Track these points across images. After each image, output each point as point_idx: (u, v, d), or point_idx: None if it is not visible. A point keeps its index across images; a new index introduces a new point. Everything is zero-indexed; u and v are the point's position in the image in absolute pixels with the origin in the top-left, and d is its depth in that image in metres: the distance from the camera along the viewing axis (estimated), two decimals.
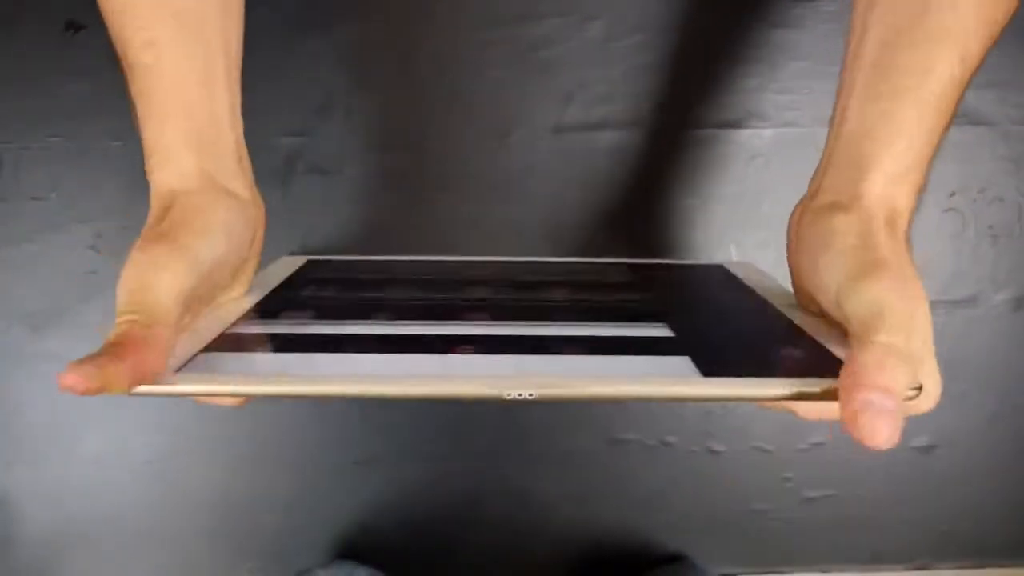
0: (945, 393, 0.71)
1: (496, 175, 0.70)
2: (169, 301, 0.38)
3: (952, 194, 0.70)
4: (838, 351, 0.40)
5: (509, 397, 0.33)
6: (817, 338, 0.41)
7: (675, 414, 0.73)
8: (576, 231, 0.70)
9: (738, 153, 0.69)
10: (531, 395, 0.33)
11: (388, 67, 0.69)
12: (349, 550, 0.74)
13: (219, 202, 0.43)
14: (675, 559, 0.74)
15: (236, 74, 0.49)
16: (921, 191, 0.43)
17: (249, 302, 0.47)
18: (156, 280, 0.38)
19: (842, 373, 0.36)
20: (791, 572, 0.76)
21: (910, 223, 0.43)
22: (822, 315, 0.44)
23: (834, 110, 0.46)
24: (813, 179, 0.46)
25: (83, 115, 0.68)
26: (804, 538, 0.75)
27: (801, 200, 0.47)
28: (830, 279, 0.41)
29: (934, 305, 0.71)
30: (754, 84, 0.69)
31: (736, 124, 0.69)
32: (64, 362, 0.40)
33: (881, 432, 0.34)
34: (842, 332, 0.41)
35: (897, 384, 0.35)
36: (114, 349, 0.34)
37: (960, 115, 0.68)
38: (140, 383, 0.35)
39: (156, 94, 0.44)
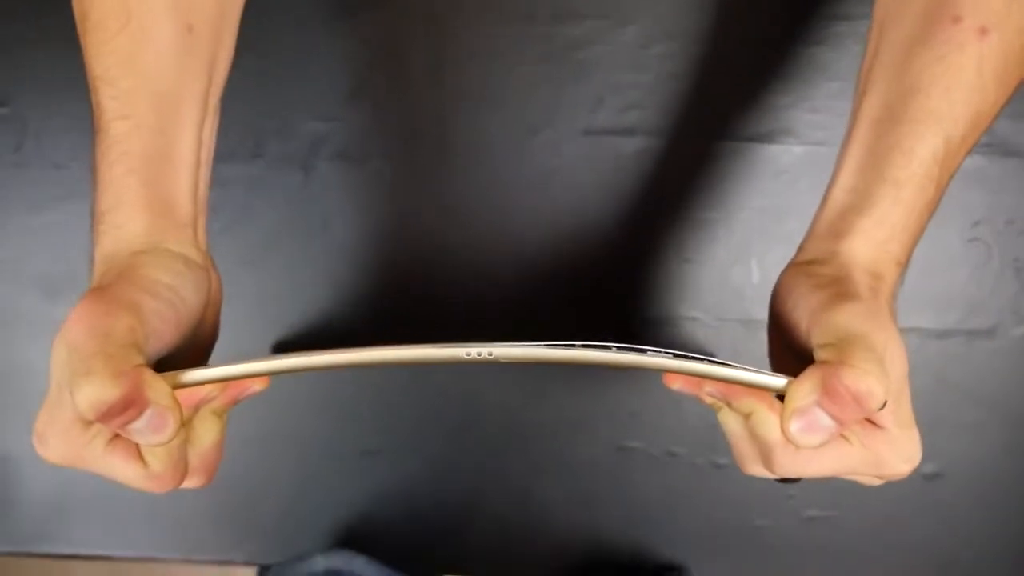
0: (956, 421, 0.71)
1: (522, 173, 0.69)
2: (129, 343, 0.36)
3: (977, 223, 0.69)
4: None
5: (468, 357, 0.35)
6: None
7: (682, 425, 0.73)
8: (598, 235, 0.70)
9: (765, 168, 0.69)
10: (490, 354, 0.35)
11: (419, 58, 0.68)
12: (350, 538, 0.74)
13: (163, 264, 0.41)
14: (674, 570, 0.74)
15: (208, 144, 0.47)
16: (903, 266, 0.43)
17: None
18: (112, 325, 0.36)
19: (814, 367, 0.36)
20: None
21: (893, 294, 0.43)
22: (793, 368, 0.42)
23: (831, 175, 0.46)
24: (800, 245, 0.46)
25: None
26: (802, 557, 0.74)
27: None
28: (801, 313, 0.40)
29: (952, 333, 0.70)
30: (787, 100, 0.68)
31: (765, 139, 0.69)
32: None
33: (814, 438, 0.35)
34: None
35: (874, 394, 0.34)
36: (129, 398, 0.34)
37: (991, 144, 0.68)
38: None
39: (118, 165, 0.43)
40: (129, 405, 0.34)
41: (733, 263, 0.70)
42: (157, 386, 0.35)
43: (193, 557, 0.75)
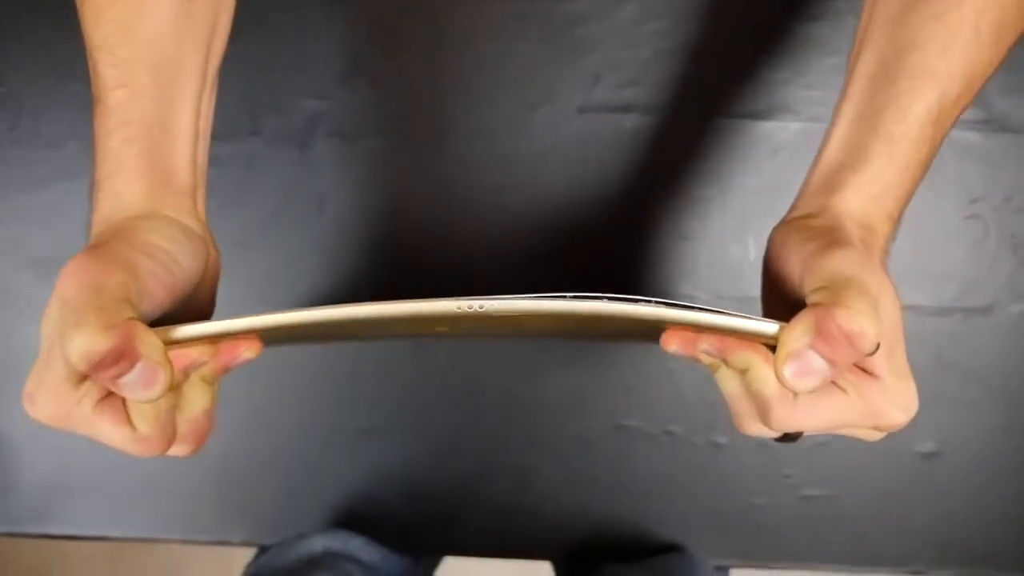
0: (954, 399, 0.71)
1: (519, 150, 0.69)
2: (122, 298, 0.36)
3: (975, 200, 0.69)
4: None
5: (460, 310, 0.35)
6: None
7: (680, 404, 0.73)
8: (595, 212, 0.70)
9: (762, 145, 0.69)
10: (481, 307, 0.35)
11: (416, 35, 0.68)
12: (348, 518, 0.74)
13: (160, 229, 0.41)
14: (671, 549, 0.74)
15: (207, 114, 0.47)
16: (895, 222, 0.43)
17: None
18: (105, 280, 0.36)
19: (806, 310, 0.36)
20: (785, 569, 0.75)
21: (885, 249, 0.43)
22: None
23: (825, 133, 0.46)
24: (792, 203, 0.46)
25: None
26: (800, 536, 0.75)
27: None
28: (794, 262, 0.40)
29: (949, 311, 0.70)
30: (783, 76, 0.68)
31: (762, 116, 0.68)
32: None
33: (808, 382, 0.35)
34: None
35: (866, 334, 0.34)
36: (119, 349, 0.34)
37: (989, 121, 0.68)
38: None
39: (117, 134, 0.43)
40: (120, 357, 0.34)
41: (730, 240, 0.70)
42: (149, 340, 0.35)
43: (191, 538, 0.75)
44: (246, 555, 0.79)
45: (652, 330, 0.40)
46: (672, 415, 0.73)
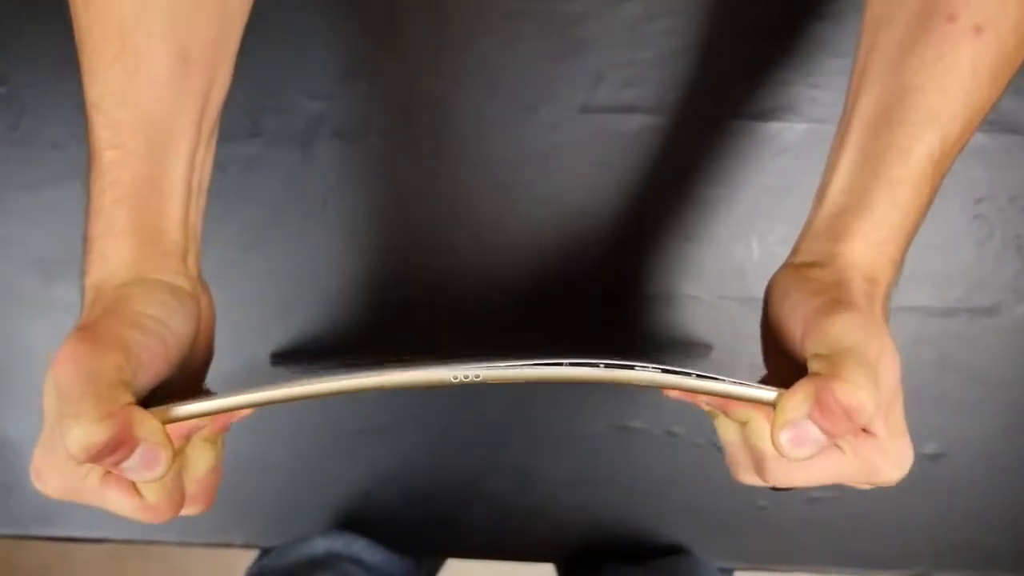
0: (958, 401, 0.71)
1: (520, 150, 0.69)
2: (117, 381, 0.36)
3: (979, 200, 0.69)
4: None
5: (455, 380, 0.35)
6: None
7: (682, 404, 0.72)
8: (598, 213, 0.69)
9: (766, 146, 0.69)
10: (477, 376, 0.35)
11: (416, 34, 0.68)
12: (350, 518, 0.74)
13: (149, 296, 0.41)
14: (675, 551, 0.74)
15: (201, 169, 0.47)
16: (898, 266, 0.44)
17: None
18: (99, 365, 0.36)
19: (806, 379, 0.36)
20: (790, 571, 0.75)
21: (888, 296, 0.43)
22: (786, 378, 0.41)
23: (823, 174, 0.46)
24: (795, 245, 0.46)
25: None
26: (805, 538, 0.74)
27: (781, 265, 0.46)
28: (796, 319, 0.40)
29: (953, 311, 0.70)
30: (788, 77, 0.68)
31: (766, 116, 0.68)
32: (74, 311, 0.41)
33: (804, 451, 0.35)
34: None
35: (864, 409, 0.35)
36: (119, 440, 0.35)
37: (993, 121, 0.68)
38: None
39: (109, 193, 0.43)
40: (119, 445, 0.34)
41: (735, 241, 0.70)
42: (147, 423, 0.35)
43: (193, 540, 0.75)
44: (248, 557, 0.79)
45: None
46: (675, 416, 0.73)
